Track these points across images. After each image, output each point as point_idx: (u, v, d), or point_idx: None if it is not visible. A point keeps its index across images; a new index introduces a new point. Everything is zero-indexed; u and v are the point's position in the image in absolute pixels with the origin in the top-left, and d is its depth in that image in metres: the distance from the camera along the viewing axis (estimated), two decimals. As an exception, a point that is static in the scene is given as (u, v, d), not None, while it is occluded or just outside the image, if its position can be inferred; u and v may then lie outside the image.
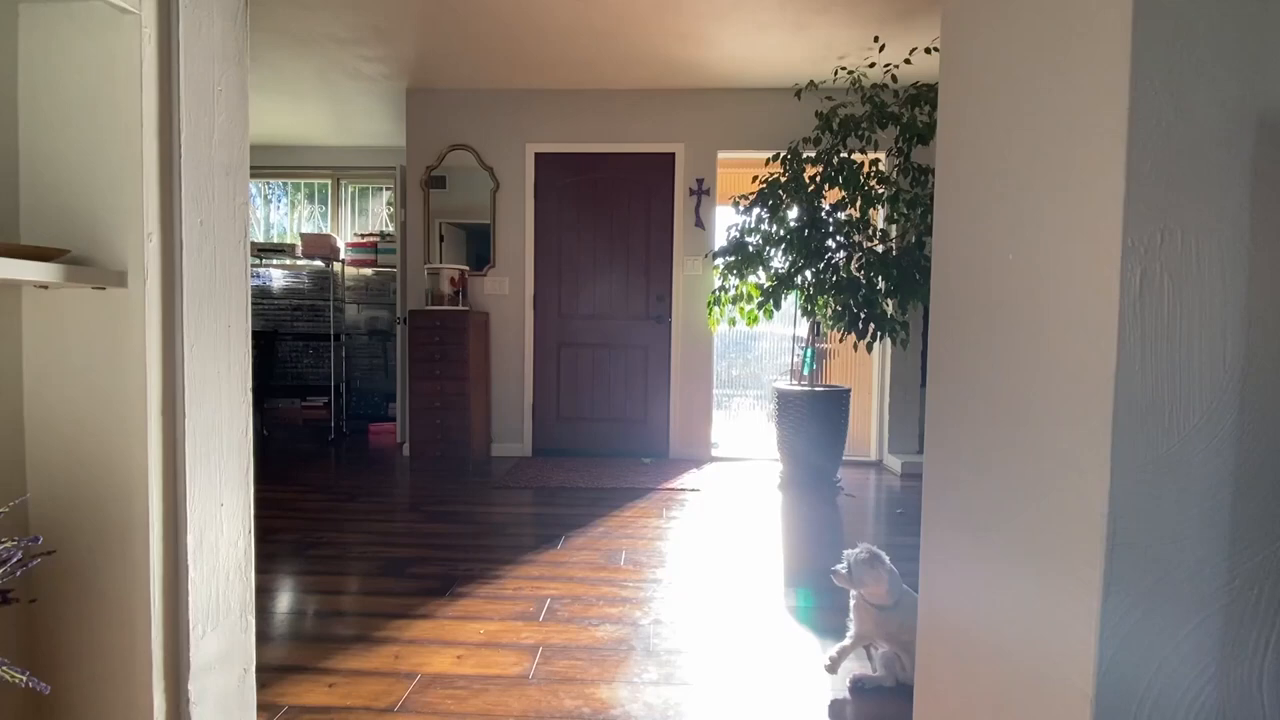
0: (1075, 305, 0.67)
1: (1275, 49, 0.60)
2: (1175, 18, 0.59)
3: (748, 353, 6.49)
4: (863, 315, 3.24)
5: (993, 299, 0.82)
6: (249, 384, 0.97)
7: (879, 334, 3.28)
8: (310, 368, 5.38)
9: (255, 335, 4.84)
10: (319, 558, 2.40)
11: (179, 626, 0.88)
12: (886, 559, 1.57)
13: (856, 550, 1.58)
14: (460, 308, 3.90)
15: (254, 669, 1.03)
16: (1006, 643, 0.78)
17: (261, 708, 1.44)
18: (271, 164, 5.33)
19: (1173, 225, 0.60)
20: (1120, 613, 0.62)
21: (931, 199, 1.00)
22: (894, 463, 3.98)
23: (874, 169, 3.34)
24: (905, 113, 3.21)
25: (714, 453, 4.30)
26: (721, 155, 4.12)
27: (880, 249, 3.35)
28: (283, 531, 2.68)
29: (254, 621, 1.01)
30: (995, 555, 0.81)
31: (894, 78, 3.33)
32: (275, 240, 5.47)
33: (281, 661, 1.65)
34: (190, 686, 0.90)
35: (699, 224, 4.14)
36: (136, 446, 0.83)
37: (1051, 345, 0.71)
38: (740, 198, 3.51)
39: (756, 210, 3.43)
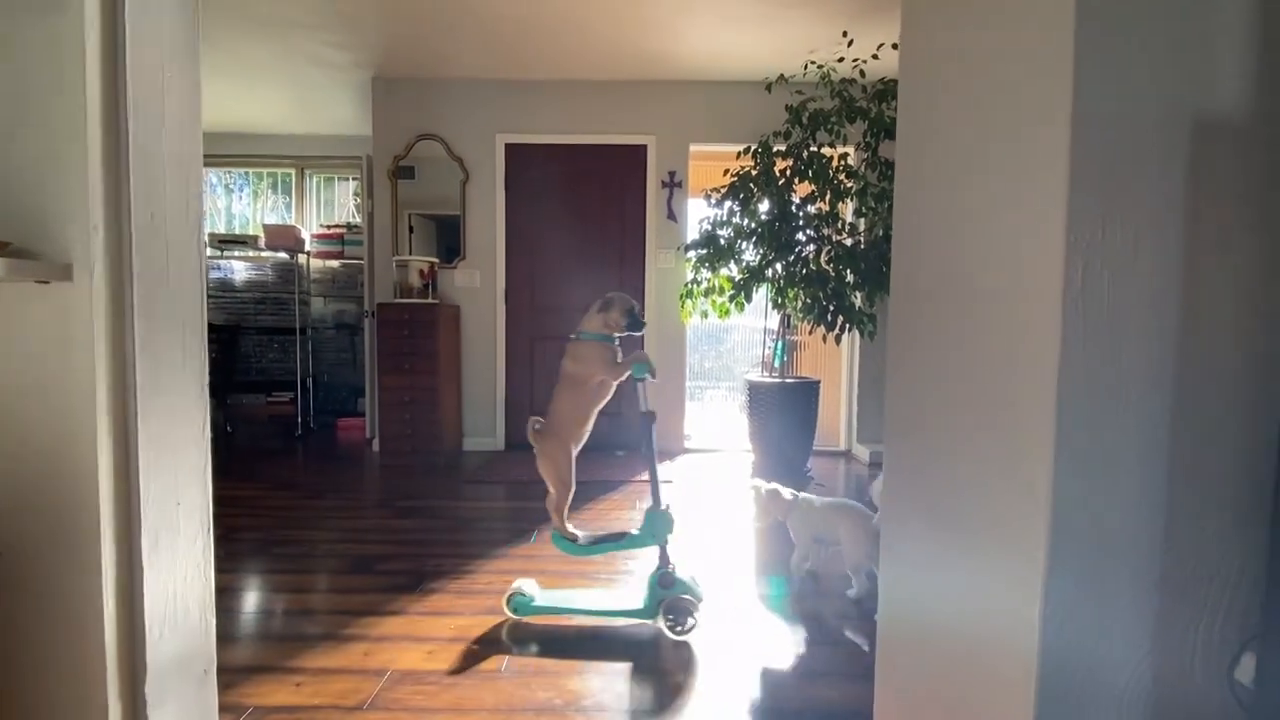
0: (1021, 298, 0.69)
1: (1208, 54, 0.62)
2: (1115, 23, 0.61)
3: (720, 345, 6.54)
4: (831, 308, 3.29)
5: (946, 293, 0.85)
6: (205, 380, 0.95)
7: (847, 326, 3.33)
8: (275, 362, 5.25)
9: (217, 329, 4.71)
10: (285, 556, 2.35)
11: (135, 628, 0.86)
12: (762, 490, 2.23)
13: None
14: (430, 300, 3.85)
15: (215, 670, 1.01)
16: (958, 621, 0.81)
17: (226, 709, 1.42)
18: (232, 152, 5.17)
19: (1113, 221, 0.62)
20: (1062, 591, 0.65)
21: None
22: (862, 452, 4.06)
23: (843, 163, 3.39)
24: (873, 108, 3.26)
25: (687, 445, 4.33)
26: (694, 148, 4.13)
27: (849, 242, 3.40)
28: (248, 530, 2.63)
29: (215, 622, 0.99)
30: (947, 538, 0.84)
31: (862, 73, 3.37)
32: (237, 231, 5.32)
33: (247, 662, 1.62)
34: (148, 689, 0.88)
35: (671, 217, 4.14)
36: (86, 445, 0.80)
37: (999, 337, 0.73)
38: (712, 190, 3.52)
39: (728, 203, 3.45)
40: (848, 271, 3.28)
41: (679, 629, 1.74)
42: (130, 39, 0.83)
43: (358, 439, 4.55)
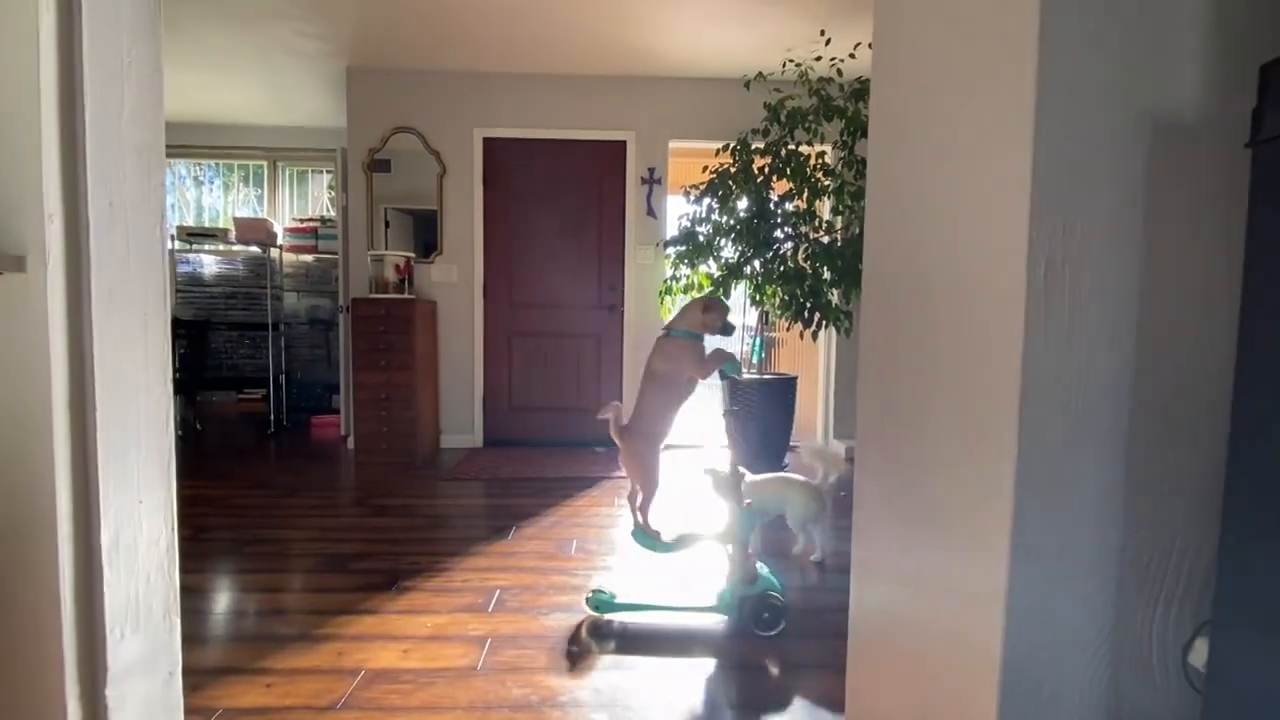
0: (988, 293, 0.70)
1: (1166, 59, 0.64)
2: (1078, 29, 0.63)
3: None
4: (809, 305, 3.31)
5: (914, 290, 0.86)
6: (169, 375, 0.92)
7: (824, 323, 3.36)
8: (247, 358, 5.15)
9: (186, 324, 4.60)
10: (257, 555, 2.31)
11: (95, 630, 0.84)
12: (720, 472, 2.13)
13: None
14: (406, 296, 3.80)
15: (180, 671, 0.98)
16: (926, 612, 0.82)
17: (194, 712, 1.39)
18: (202, 143, 5.04)
19: (1074, 217, 0.64)
20: (1025, 579, 0.66)
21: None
22: (839, 447, 4.11)
23: (820, 161, 3.41)
24: (850, 106, 3.29)
25: (665, 441, 4.34)
26: (673, 144, 4.13)
27: (826, 240, 3.43)
28: (218, 529, 2.57)
29: (179, 622, 0.97)
30: (916, 532, 0.85)
31: (839, 72, 3.39)
32: (207, 225, 5.19)
33: (217, 663, 1.59)
34: (108, 692, 0.85)
35: (650, 213, 4.14)
36: (42, 443, 0.78)
37: (965, 333, 0.74)
38: (691, 187, 3.53)
39: (707, 200, 3.46)
40: (824, 269, 3.31)
41: (766, 627, 1.75)
42: (88, 21, 0.81)
43: (332, 437, 4.48)
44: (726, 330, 1.93)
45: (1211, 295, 0.66)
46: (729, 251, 3.47)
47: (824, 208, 3.63)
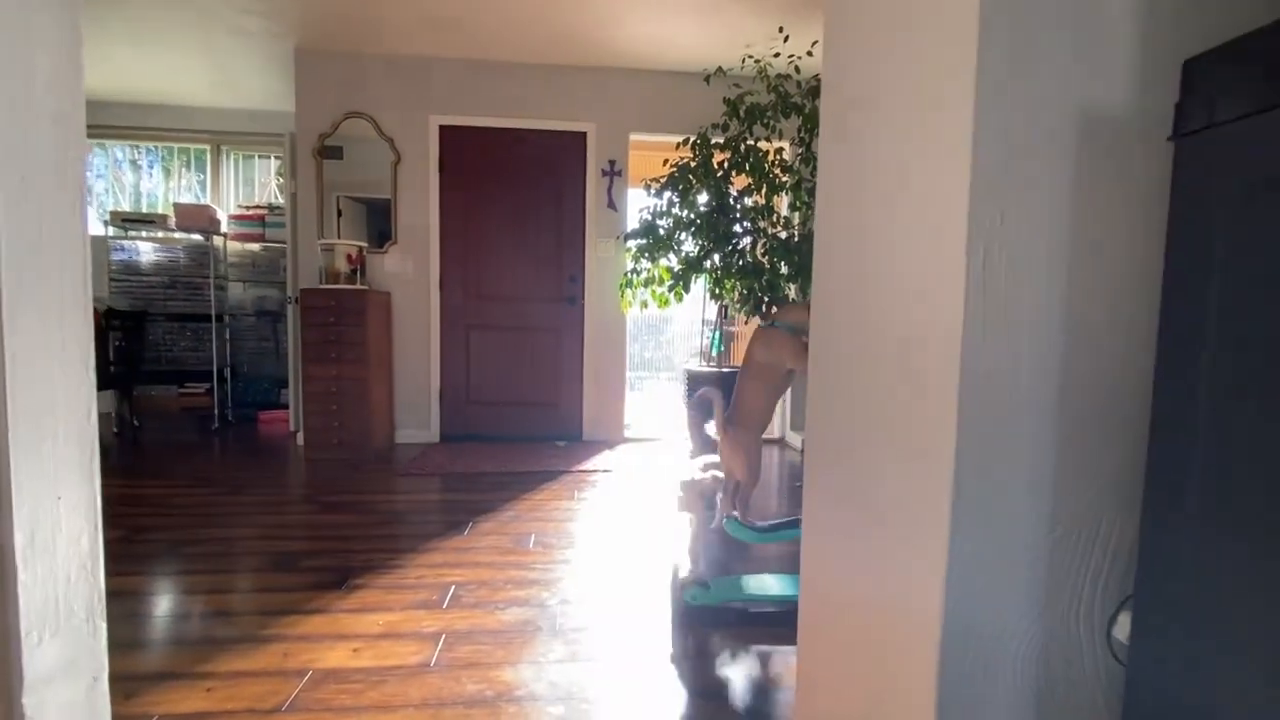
0: (928, 283, 0.72)
1: (1094, 53, 0.66)
2: (1014, 24, 0.64)
3: (660, 335, 6.60)
4: (766, 299, 3.35)
5: (859, 284, 0.88)
6: (91, 362, 0.86)
7: (782, 316, 3.41)
8: (189, 351, 4.92)
9: (120, 314, 4.36)
10: (199, 555, 2.21)
11: (9, 634, 0.78)
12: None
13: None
14: (359, 286, 3.69)
15: (106, 677, 0.93)
16: (871, 594, 0.84)
17: (130, 719, 1.32)
18: (141, 125, 4.78)
19: (1009, 209, 0.66)
20: (961, 562, 0.68)
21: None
22: (795, 440, 4.19)
23: (778, 157, 3.45)
24: (807, 103, 3.33)
25: (627, 434, 4.34)
26: (634, 137, 4.11)
27: (783, 235, 3.47)
28: (157, 529, 2.45)
29: (105, 625, 0.91)
30: (862, 518, 0.87)
31: (797, 69, 3.44)
32: (146, 210, 4.93)
33: (155, 669, 1.51)
34: (25, 700, 0.80)
35: (611, 205, 4.12)
36: (-55, 434, 0.72)
37: (908, 321, 0.76)
38: (652, 180, 3.52)
39: (668, 194, 3.46)
40: (782, 263, 3.35)
41: None
42: (-6, -17, 0.75)
43: (281, 432, 4.33)
44: None
45: (1138, 287, 0.69)
46: (689, 245, 3.48)
47: (782, 203, 3.67)
